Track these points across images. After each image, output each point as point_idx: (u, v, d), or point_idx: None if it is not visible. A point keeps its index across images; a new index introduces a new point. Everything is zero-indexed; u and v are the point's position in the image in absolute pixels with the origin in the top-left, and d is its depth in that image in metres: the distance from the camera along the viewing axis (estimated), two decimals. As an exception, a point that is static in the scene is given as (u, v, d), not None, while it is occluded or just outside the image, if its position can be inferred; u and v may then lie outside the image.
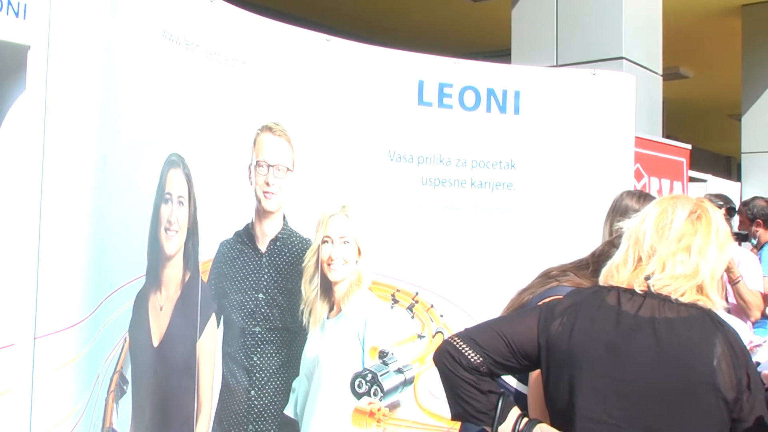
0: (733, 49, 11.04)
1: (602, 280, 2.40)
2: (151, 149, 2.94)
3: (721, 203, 4.53)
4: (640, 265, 2.32)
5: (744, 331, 3.38)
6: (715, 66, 12.94)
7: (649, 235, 2.33)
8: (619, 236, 2.46)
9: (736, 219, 7.28)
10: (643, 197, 3.27)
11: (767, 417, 2.25)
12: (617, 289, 2.32)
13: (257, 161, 3.51)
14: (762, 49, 10.66)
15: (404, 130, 3.93)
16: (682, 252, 2.30)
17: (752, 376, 2.22)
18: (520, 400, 2.57)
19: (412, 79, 3.95)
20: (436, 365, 2.38)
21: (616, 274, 2.35)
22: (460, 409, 2.38)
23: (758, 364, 3.95)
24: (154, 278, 2.98)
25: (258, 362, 3.57)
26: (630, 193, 3.18)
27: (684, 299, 2.27)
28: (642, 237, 2.34)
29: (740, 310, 5.43)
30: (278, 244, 3.63)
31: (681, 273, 2.29)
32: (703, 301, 2.28)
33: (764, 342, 3.74)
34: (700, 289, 2.30)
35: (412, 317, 3.91)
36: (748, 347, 2.48)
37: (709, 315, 2.26)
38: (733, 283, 5.43)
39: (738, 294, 5.50)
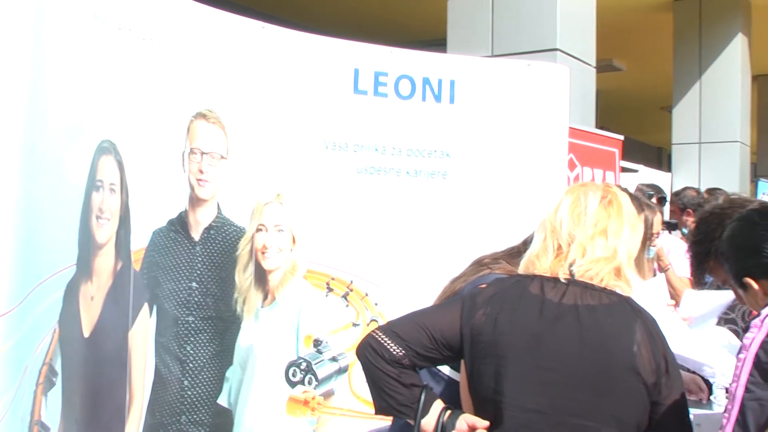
0: (665, 43, 11.25)
1: (522, 270, 2.44)
2: (82, 135, 2.89)
3: (652, 193, 4.61)
4: (561, 253, 2.37)
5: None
6: (647, 59, 13.16)
7: (565, 223, 2.39)
8: None
9: (667, 208, 7.43)
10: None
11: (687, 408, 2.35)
12: (540, 277, 2.36)
13: (191, 148, 3.47)
14: (692, 44, 10.87)
15: (339, 119, 3.92)
16: (599, 236, 2.37)
17: (670, 360, 2.29)
18: (453, 387, 2.59)
19: (347, 67, 3.94)
20: (359, 359, 2.40)
21: (537, 262, 2.40)
22: (383, 403, 2.40)
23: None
24: (85, 267, 2.93)
25: (191, 352, 3.53)
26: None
27: (604, 284, 2.32)
28: (559, 225, 2.39)
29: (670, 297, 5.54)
30: (212, 232, 3.59)
31: (600, 256, 2.35)
32: (621, 287, 2.35)
33: None
34: (618, 272, 2.37)
35: (347, 305, 3.91)
36: None
37: (628, 302, 2.33)
38: (663, 270, 5.55)
39: (668, 281, 5.61)
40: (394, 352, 2.35)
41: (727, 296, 3.72)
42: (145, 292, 3.33)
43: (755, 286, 2.32)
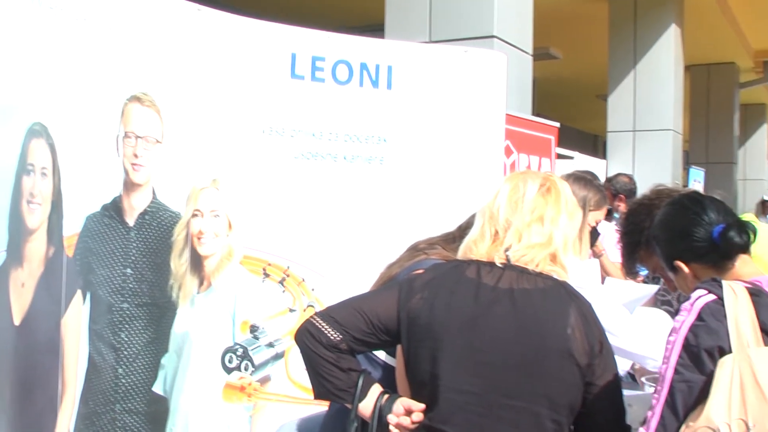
0: (601, 32, 11.38)
1: (461, 256, 2.46)
2: (12, 117, 2.83)
3: (589, 176, 4.65)
4: (498, 239, 2.41)
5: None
6: (583, 48, 13.31)
7: (503, 210, 2.42)
8: None
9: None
10: None
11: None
12: (477, 262, 2.39)
13: (125, 132, 3.42)
14: (627, 34, 11.02)
15: (276, 104, 3.89)
16: (536, 222, 2.41)
17: (604, 342, 2.33)
18: (390, 372, 2.60)
19: (284, 52, 3.91)
20: (297, 344, 2.42)
21: (474, 248, 2.42)
22: (321, 388, 2.42)
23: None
24: (15, 253, 2.88)
25: (126, 339, 3.49)
26: None
27: (539, 269, 2.36)
28: (497, 212, 2.43)
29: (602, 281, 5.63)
30: (147, 217, 3.55)
31: (536, 242, 2.39)
32: (557, 272, 2.38)
33: None
34: (553, 258, 2.41)
35: (284, 291, 3.90)
36: None
37: (563, 287, 2.37)
38: (597, 256, 5.63)
39: (601, 266, 5.70)
40: (332, 338, 2.36)
41: (648, 289, 3.79)
42: (78, 279, 3.28)
43: (685, 269, 2.38)
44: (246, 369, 3.77)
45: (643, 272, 3.84)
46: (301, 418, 3.05)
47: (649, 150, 10.63)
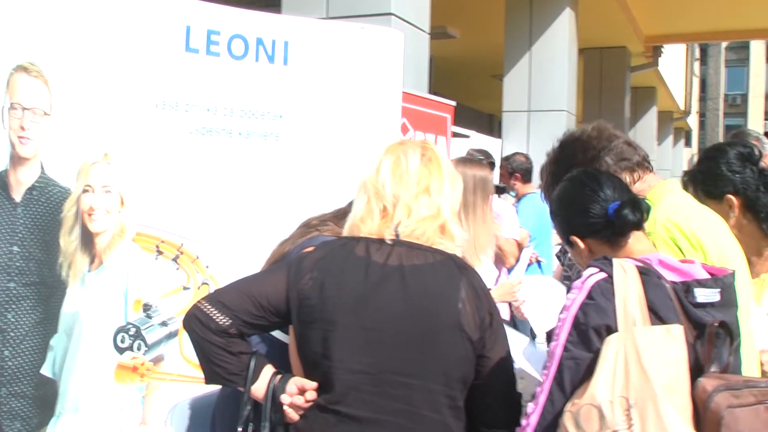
0: (498, 13, 11.51)
1: (347, 234, 2.46)
2: None
3: (482, 158, 4.73)
4: (387, 214, 2.40)
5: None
6: (480, 28, 13.43)
7: (389, 184, 2.41)
8: None
9: (496, 173, 7.65)
10: None
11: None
12: (366, 239, 2.39)
13: (11, 103, 3.32)
14: (523, 15, 11.18)
15: (170, 77, 3.80)
16: (422, 194, 2.41)
17: (494, 315, 2.36)
18: (282, 349, 2.59)
19: (178, 24, 3.82)
20: (186, 330, 2.39)
21: (362, 225, 2.42)
22: (212, 373, 2.41)
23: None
24: None
25: (12, 320, 3.40)
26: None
27: (430, 242, 2.37)
28: (382, 187, 2.41)
29: (497, 257, 5.73)
30: (35, 193, 3.44)
31: (426, 215, 2.39)
32: (446, 245, 2.40)
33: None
34: (442, 229, 2.42)
35: (177, 269, 3.83)
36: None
37: (453, 260, 2.38)
38: None
39: (496, 243, 5.79)
40: (221, 322, 2.34)
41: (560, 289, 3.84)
42: (-40, 257, 3.17)
43: (581, 244, 2.42)
44: (139, 349, 3.71)
45: None
46: (194, 398, 3.02)
47: (543, 130, 10.81)
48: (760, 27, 16.33)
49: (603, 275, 2.11)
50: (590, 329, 2.04)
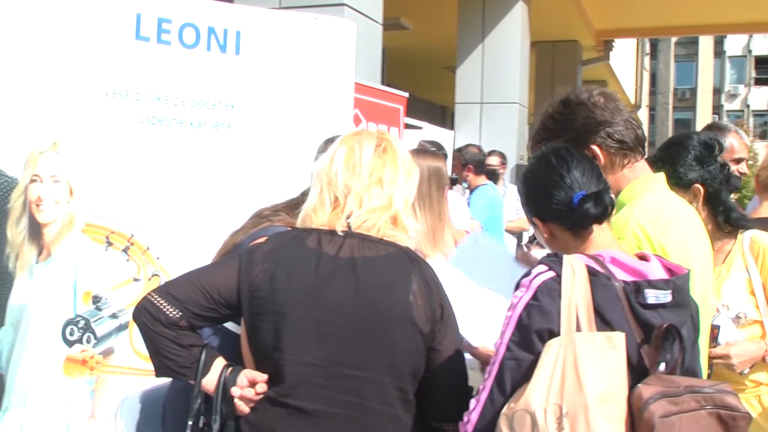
0: (451, 5, 11.52)
1: (300, 224, 2.44)
2: None
3: (434, 149, 4.73)
4: (338, 205, 2.39)
5: None
6: (433, 20, 13.45)
7: (341, 175, 2.40)
8: None
9: (449, 164, 7.67)
10: None
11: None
12: (317, 231, 2.37)
13: (-46, 92, 3.24)
14: (476, 8, 11.21)
15: (120, 66, 3.75)
16: (375, 185, 2.39)
17: (446, 308, 2.35)
18: (234, 340, 2.57)
19: (129, 12, 3.77)
20: (136, 323, 2.36)
21: (314, 216, 2.40)
22: (162, 366, 2.38)
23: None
24: None
25: (-44, 312, 3.33)
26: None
27: (381, 234, 2.36)
28: (335, 177, 2.40)
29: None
30: (-21, 183, 3.38)
31: (377, 206, 2.38)
32: (398, 237, 2.39)
33: None
34: (395, 221, 2.41)
35: (128, 260, 3.79)
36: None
37: (405, 252, 2.37)
38: None
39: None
40: (171, 315, 2.31)
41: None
42: None
43: (542, 227, 2.34)
44: (88, 341, 3.67)
45: None
46: (144, 391, 2.98)
47: (495, 122, 10.88)
48: (709, 23, 16.56)
49: (551, 274, 2.06)
50: (532, 332, 2.00)
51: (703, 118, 51.49)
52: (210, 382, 2.37)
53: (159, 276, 3.80)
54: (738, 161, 4.18)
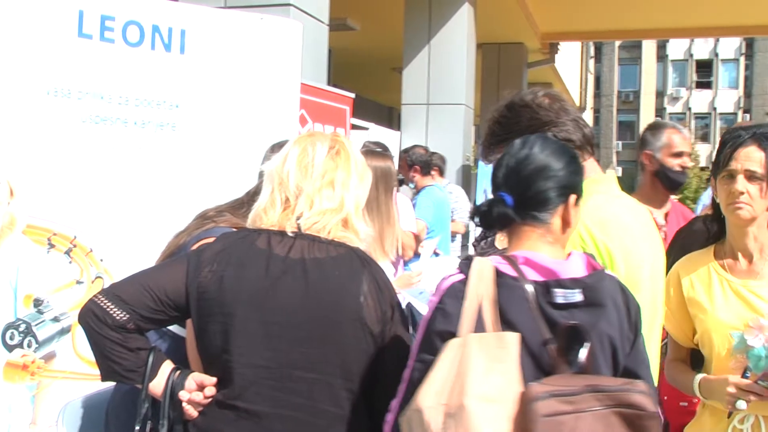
0: (398, 6, 11.53)
1: (250, 224, 2.42)
2: None
3: (380, 150, 4.72)
4: (289, 206, 2.38)
5: None
6: (380, 21, 13.45)
7: (293, 175, 2.39)
8: None
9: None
10: None
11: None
12: (267, 231, 2.36)
13: None
14: (422, 10, 11.23)
15: (62, 64, 3.69)
16: (326, 187, 2.39)
17: (396, 309, 2.37)
18: (179, 344, 2.55)
19: (71, 8, 3.71)
20: (82, 326, 2.32)
21: (264, 216, 2.39)
22: (109, 370, 2.34)
23: (422, 292, 4.20)
24: None
25: None
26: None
27: (332, 236, 2.35)
28: (286, 177, 2.39)
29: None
30: None
31: (328, 208, 2.37)
32: (349, 238, 2.38)
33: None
34: (345, 223, 2.41)
35: (70, 262, 3.73)
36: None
37: (356, 253, 2.37)
38: None
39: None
40: (118, 317, 2.28)
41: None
42: None
43: None
44: (29, 346, 3.60)
45: None
46: (87, 396, 2.93)
47: (441, 123, 10.90)
48: (652, 27, 16.80)
49: (460, 277, 2.07)
50: (434, 334, 2.02)
51: (646, 120, 52.29)
52: (157, 386, 2.34)
53: (102, 278, 3.74)
54: (678, 155, 4.26)
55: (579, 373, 1.97)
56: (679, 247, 3.43)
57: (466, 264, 2.08)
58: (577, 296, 2.04)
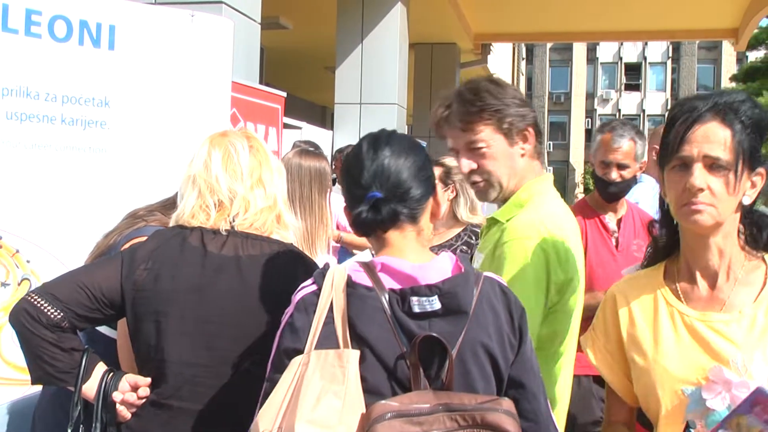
0: (330, 5, 11.52)
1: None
2: None
3: (312, 149, 4.70)
4: (224, 209, 2.36)
5: None
6: (313, 20, 13.42)
7: (223, 179, 2.38)
8: None
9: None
10: None
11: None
12: (200, 229, 2.34)
13: None
14: (355, 9, 11.24)
15: (-15, 59, 3.60)
16: (257, 186, 2.39)
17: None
18: (109, 345, 2.51)
19: (-5, 3, 3.62)
20: (14, 326, 2.25)
21: (192, 222, 2.36)
22: (41, 372, 2.29)
23: None
24: None
25: None
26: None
27: (268, 233, 2.35)
28: (216, 182, 2.37)
29: (346, 252, 5.77)
30: None
31: (263, 206, 2.38)
32: (282, 234, 2.39)
33: None
34: (278, 219, 2.40)
35: (-6, 263, 3.64)
36: None
37: (291, 250, 2.37)
38: (337, 241, 5.72)
39: (342, 242, 5.83)
40: (52, 316, 2.23)
41: None
42: None
43: None
44: (-49, 349, 3.49)
45: None
46: (12, 402, 2.86)
47: (374, 122, 10.90)
48: (582, 30, 17.09)
49: (312, 288, 1.91)
50: (281, 351, 1.87)
51: (577, 121, 53.24)
52: (90, 388, 2.30)
53: (29, 280, 3.65)
54: (606, 165, 4.23)
55: (440, 390, 1.82)
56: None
57: (319, 274, 1.92)
58: (435, 304, 1.85)
